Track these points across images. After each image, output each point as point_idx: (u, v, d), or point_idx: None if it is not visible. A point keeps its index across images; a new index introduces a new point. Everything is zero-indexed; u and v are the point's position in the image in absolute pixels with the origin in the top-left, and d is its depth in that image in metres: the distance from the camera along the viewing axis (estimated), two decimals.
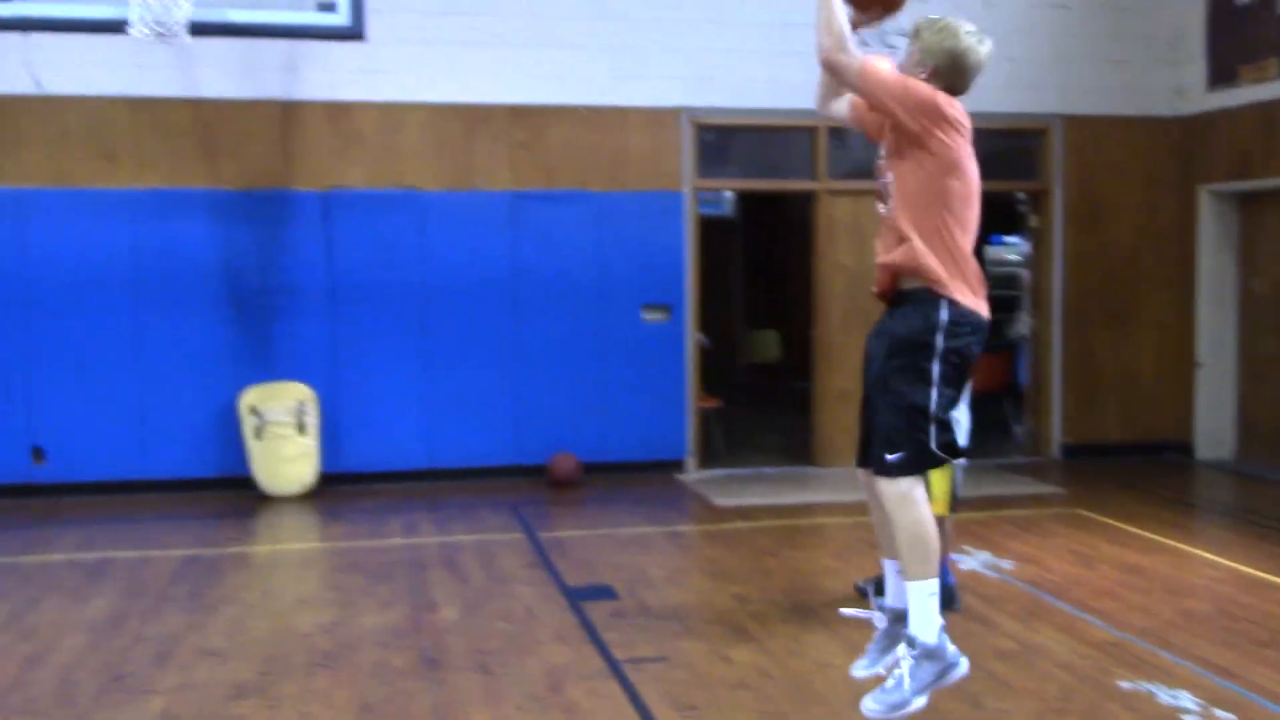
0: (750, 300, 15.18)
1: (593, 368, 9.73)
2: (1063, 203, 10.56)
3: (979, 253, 15.50)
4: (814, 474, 9.94)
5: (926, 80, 4.12)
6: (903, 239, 4.11)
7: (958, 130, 4.11)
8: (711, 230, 13.01)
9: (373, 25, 8.83)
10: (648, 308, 9.86)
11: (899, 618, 4.24)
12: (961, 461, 6.07)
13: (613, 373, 9.76)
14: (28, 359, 8.93)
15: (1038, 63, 10.38)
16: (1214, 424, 10.50)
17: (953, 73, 4.17)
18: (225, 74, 9.13)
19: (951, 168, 4.11)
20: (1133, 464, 10.20)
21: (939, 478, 6.00)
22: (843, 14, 4.12)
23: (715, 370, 11.99)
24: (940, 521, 6.05)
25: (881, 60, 4.17)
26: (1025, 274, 11.03)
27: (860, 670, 4.38)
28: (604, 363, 9.76)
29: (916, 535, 4.06)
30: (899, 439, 4.07)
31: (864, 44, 10.38)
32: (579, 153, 9.75)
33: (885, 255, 4.20)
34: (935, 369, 4.06)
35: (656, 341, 9.86)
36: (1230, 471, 10.14)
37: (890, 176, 4.21)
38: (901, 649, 4.13)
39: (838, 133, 10.21)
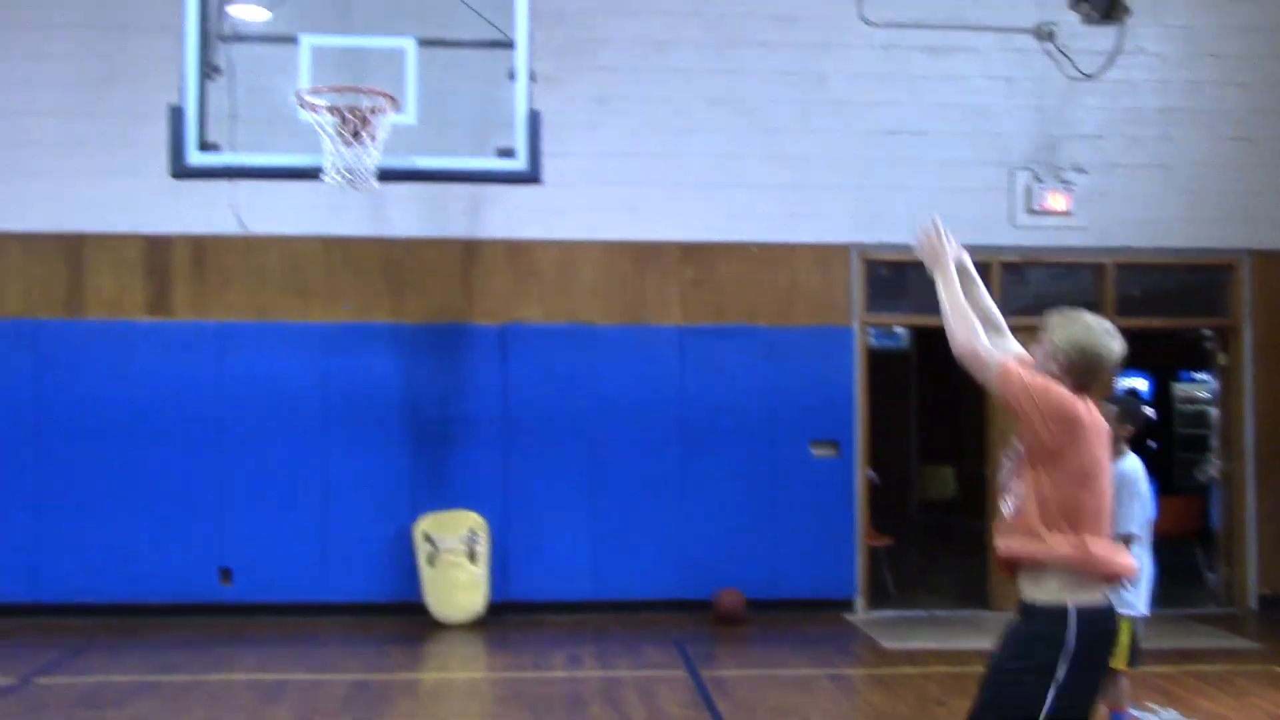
0: (925, 435, 14.91)
1: (760, 502, 9.69)
2: (1253, 339, 10.13)
3: (1165, 391, 14.87)
4: (988, 618, 9.56)
5: (1058, 375, 3.92)
6: (1027, 533, 3.86)
7: (1093, 441, 3.87)
8: (885, 363, 12.93)
9: (549, 168, 9.14)
10: (816, 443, 9.80)
11: None
12: (1144, 611, 5.81)
13: (780, 508, 9.69)
14: (221, 482, 9.41)
15: (1222, 196, 10.10)
16: None
17: (1085, 370, 3.94)
18: (412, 215, 9.63)
19: (1084, 480, 3.84)
20: None
21: (1123, 634, 5.73)
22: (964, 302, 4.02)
23: (887, 506, 11.78)
24: (1116, 676, 5.78)
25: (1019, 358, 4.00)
26: (1214, 413, 10.56)
27: None
28: (772, 498, 9.70)
29: None
30: None
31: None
32: (748, 288, 9.88)
33: (1007, 543, 3.96)
34: (1050, 696, 3.79)
35: (825, 477, 9.76)
36: None
37: (1015, 480, 3.93)
38: None
39: (1013, 267, 10.09)
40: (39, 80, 9.45)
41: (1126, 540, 5.65)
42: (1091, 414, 3.92)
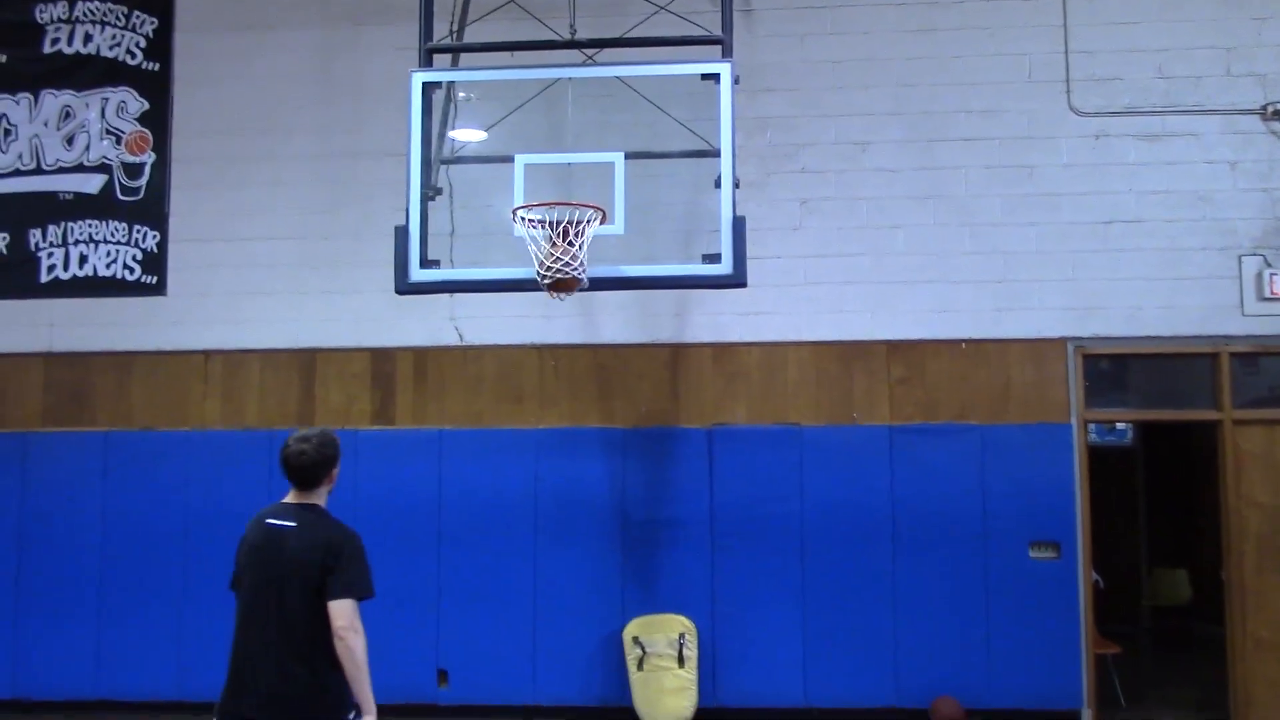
0: (1154, 535, 14.12)
1: (976, 606, 9.35)
2: None
3: None
4: None
5: None
6: None
7: None
8: (1108, 460, 12.39)
9: (754, 271, 9.20)
10: (1035, 545, 9.43)
11: None
12: None
13: (998, 612, 9.33)
14: (439, 585, 9.69)
15: None
16: None
17: None
18: (620, 322, 9.86)
19: None
20: None
21: None
22: None
23: (1115, 611, 11.20)
24: None
25: None
26: None
27: None
28: (988, 601, 9.35)
29: None
30: None
31: None
32: (959, 386, 9.67)
33: None
34: None
35: (1045, 580, 9.36)
36: None
37: None
38: None
39: (1247, 359, 9.58)
40: (275, 207, 10.18)
41: None
42: None
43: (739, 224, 7.93)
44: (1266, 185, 9.63)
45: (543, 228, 7.52)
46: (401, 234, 7.79)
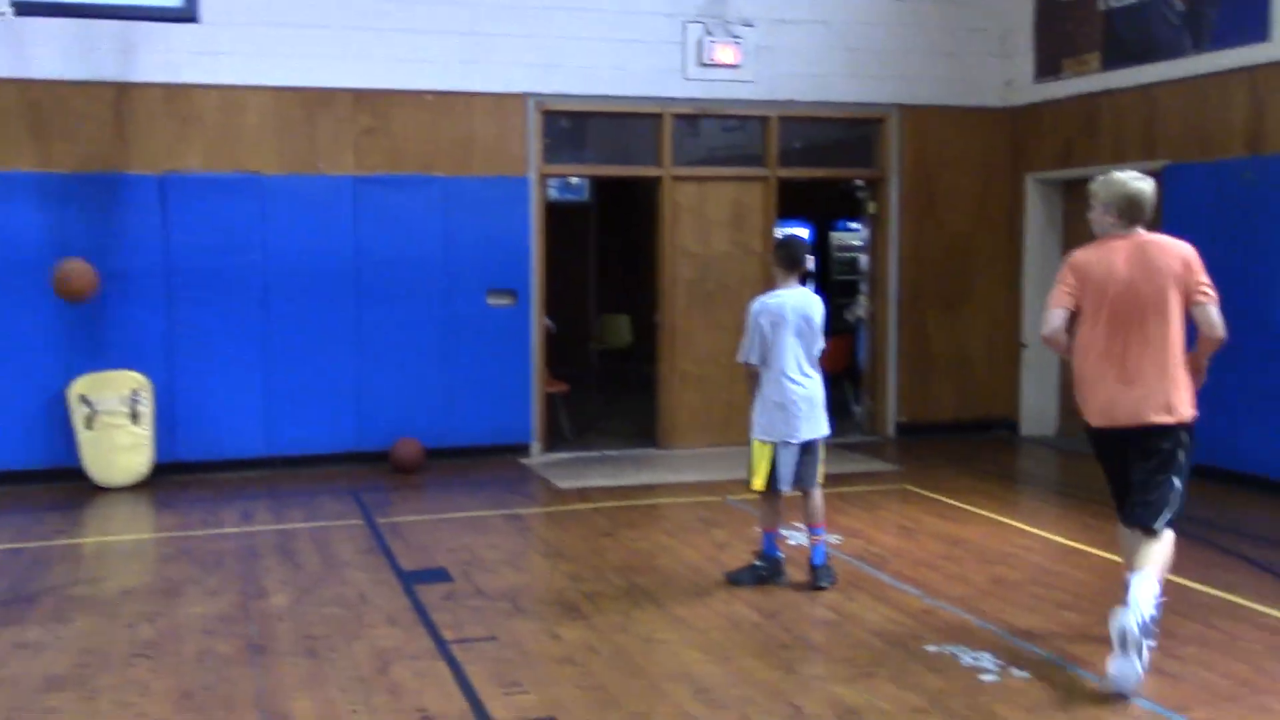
0: (604, 285, 15.29)
1: (438, 353, 9.73)
2: (899, 190, 10.89)
3: (824, 241, 15.65)
4: (656, 455, 10.13)
5: (1108, 221, 5.06)
6: None
7: (1075, 284, 5.04)
8: (566, 215, 13.11)
9: (207, 6, 8.67)
10: (493, 293, 9.88)
11: None
12: (795, 438, 6.29)
13: (458, 358, 9.77)
14: None
15: (877, 53, 10.67)
16: (1038, 402, 10.98)
17: (1126, 209, 4.99)
18: (57, 54, 8.86)
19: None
20: (963, 441, 10.60)
21: (761, 458, 6.21)
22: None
23: (568, 355, 12.09)
24: (766, 497, 6.29)
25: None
26: (864, 259, 11.35)
27: None
28: (449, 348, 9.76)
29: None
30: None
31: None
32: (425, 138, 9.72)
33: None
34: None
35: (502, 326, 9.89)
36: (1052, 447, 10.60)
37: None
38: None
39: (685, 119, 10.37)
40: None
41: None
42: (1072, 270, 5.11)
43: None
44: None
45: None
46: None
